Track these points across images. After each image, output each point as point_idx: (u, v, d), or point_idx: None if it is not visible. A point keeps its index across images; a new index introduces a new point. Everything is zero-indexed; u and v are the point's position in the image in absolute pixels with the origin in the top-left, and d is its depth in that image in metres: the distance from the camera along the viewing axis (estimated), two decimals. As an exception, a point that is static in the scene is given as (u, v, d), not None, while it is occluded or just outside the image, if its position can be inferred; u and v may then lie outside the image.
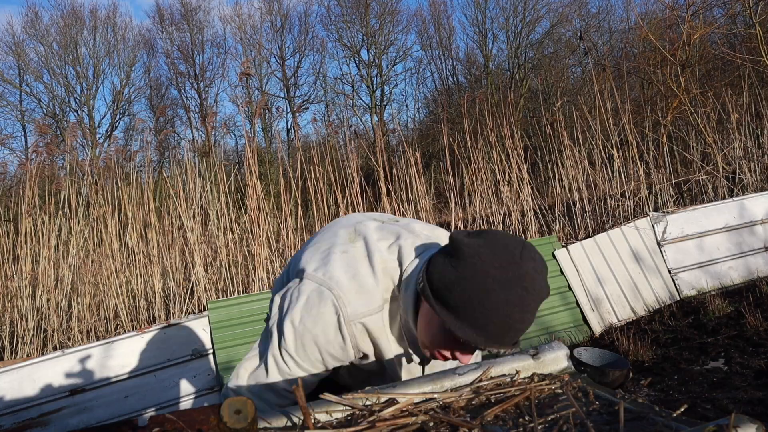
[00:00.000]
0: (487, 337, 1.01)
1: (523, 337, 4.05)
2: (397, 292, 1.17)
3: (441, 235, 1.30)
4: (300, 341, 1.15)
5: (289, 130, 19.76)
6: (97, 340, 4.04)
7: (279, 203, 5.49)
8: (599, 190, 5.79)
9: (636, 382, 3.14)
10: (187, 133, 19.53)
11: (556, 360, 1.01)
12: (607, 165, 5.88)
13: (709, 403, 2.68)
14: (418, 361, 1.26)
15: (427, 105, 22.01)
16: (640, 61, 8.54)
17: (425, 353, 1.17)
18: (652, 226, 4.65)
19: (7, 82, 18.33)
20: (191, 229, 4.88)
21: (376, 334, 1.18)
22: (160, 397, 3.52)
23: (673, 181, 6.11)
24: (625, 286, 4.43)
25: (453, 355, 1.12)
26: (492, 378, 0.94)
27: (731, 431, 0.63)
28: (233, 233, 5.09)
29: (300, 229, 5.20)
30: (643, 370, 3.33)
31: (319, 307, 1.14)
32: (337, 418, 0.82)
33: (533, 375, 0.95)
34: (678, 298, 4.47)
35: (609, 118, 6.10)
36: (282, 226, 5.15)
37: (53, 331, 4.42)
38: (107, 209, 4.92)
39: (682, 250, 4.65)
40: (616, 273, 4.45)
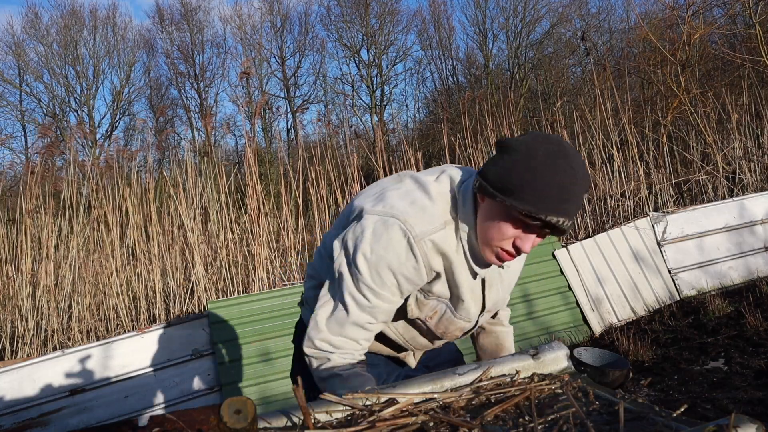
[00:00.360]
0: (548, 205, 1.09)
1: (523, 337, 4.07)
2: (454, 213, 1.25)
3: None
4: (375, 270, 1.20)
5: (289, 130, 19.79)
6: (97, 340, 4.04)
7: (279, 203, 5.49)
8: (599, 190, 5.78)
9: (636, 382, 3.14)
10: (187, 133, 19.54)
11: (556, 360, 1.02)
12: (607, 165, 5.88)
13: (709, 403, 2.68)
14: (481, 278, 1.33)
15: (427, 105, 22.02)
16: (640, 61, 8.53)
17: (488, 257, 1.23)
18: (652, 226, 4.65)
19: (7, 82, 18.34)
20: (191, 229, 4.88)
21: (445, 248, 1.24)
22: (160, 397, 3.53)
23: (673, 181, 6.11)
24: (625, 286, 4.43)
25: (515, 248, 1.19)
26: (492, 378, 0.94)
27: (731, 431, 0.63)
28: (233, 233, 5.09)
29: (300, 229, 5.20)
30: (643, 370, 3.33)
31: (388, 234, 1.19)
32: (337, 418, 0.83)
33: (533, 375, 0.95)
34: (678, 298, 4.47)
35: (609, 118, 6.09)
36: (282, 226, 5.15)
37: (53, 331, 4.42)
38: (108, 208, 4.92)
39: (682, 250, 4.65)
40: (616, 273, 4.45)
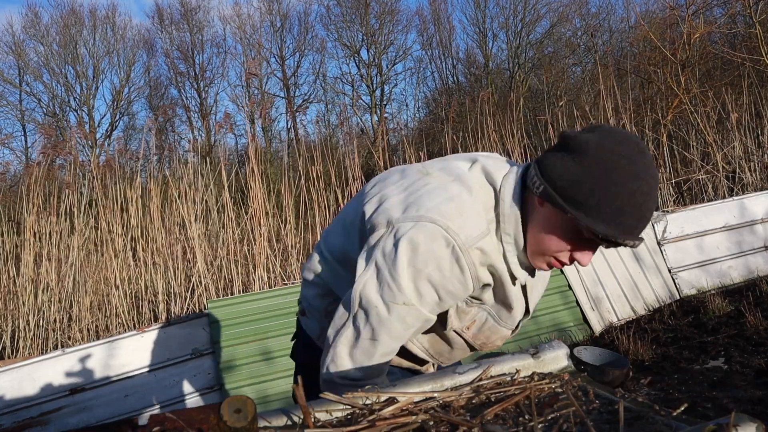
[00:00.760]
0: (624, 229, 0.98)
1: (523, 337, 4.07)
2: (497, 210, 1.09)
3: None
4: (413, 287, 1.03)
5: (289, 130, 19.78)
6: (98, 339, 4.04)
7: (280, 203, 5.49)
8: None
9: (636, 381, 3.14)
10: (187, 133, 19.53)
11: (556, 359, 1.02)
12: (608, 164, 5.86)
13: (709, 402, 2.68)
14: (522, 282, 1.17)
15: (427, 104, 22.01)
16: (641, 61, 8.53)
17: (538, 265, 1.11)
18: (652, 225, 4.65)
19: (7, 81, 18.33)
20: (192, 229, 4.88)
21: (492, 255, 1.07)
22: (160, 396, 3.53)
23: (673, 181, 6.11)
24: (625, 285, 4.43)
25: (571, 258, 1.08)
26: (492, 377, 0.94)
27: (731, 430, 0.63)
28: (234, 233, 5.09)
29: (300, 229, 5.20)
30: (643, 369, 3.33)
31: (428, 244, 1.02)
32: (337, 417, 0.83)
33: (533, 374, 0.95)
34: (678, 297, 4.47)
35: (609, 117, 6.09)
36: (282, 226, 5.16)
37: (54, 330, 4.42)
38: (109, 208, 4.92)
39: (682, 249, 4.65)
40: (616, 272, 4.45)
